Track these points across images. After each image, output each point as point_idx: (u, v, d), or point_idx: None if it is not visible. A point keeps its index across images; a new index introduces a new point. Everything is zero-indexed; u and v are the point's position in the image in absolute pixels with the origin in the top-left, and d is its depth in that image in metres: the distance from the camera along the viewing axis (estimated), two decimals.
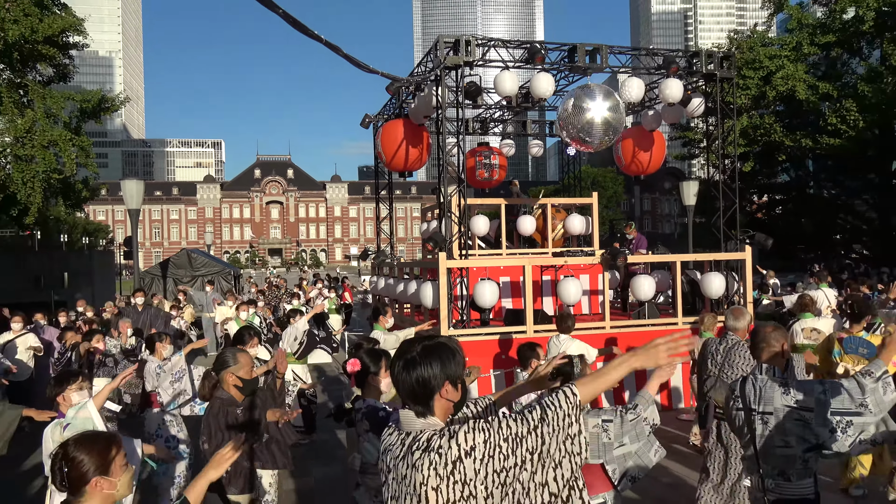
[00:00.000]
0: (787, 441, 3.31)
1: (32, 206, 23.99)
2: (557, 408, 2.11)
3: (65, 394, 4.23)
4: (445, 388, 2.20)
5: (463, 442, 2.04)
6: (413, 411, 2.23)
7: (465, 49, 9.45)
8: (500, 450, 2.04)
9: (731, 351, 5.25)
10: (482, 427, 2.07)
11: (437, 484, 2.05)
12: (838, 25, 29.21)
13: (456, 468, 2.03)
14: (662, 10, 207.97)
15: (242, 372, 3.93)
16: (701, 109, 11.14)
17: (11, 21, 22.14)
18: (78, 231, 68.04)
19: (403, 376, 2.22)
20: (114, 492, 2.40)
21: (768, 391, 3.39)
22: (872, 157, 29.90)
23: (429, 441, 2.10)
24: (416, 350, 2.25)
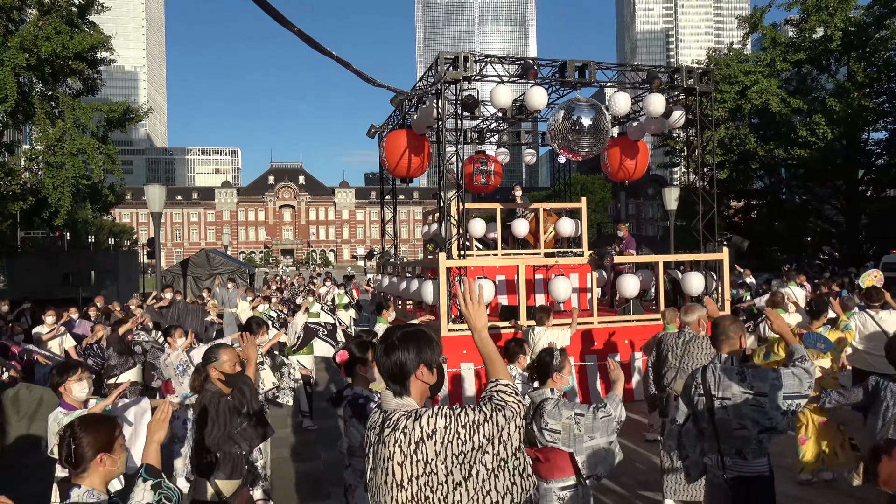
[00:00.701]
0: (744, 424, 3.42)
1: (62, 210, 23.96)
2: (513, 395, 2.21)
3: (65, 384, 4.20)
4: (421, 371, 2.27)
5: (426, 425, 2.10)
6: (391, 391, 2.30)
7: (463, 65, 9.47)
8: (458, 435, 2.10)
9: (690, 343, 5.22)
10: (444, 413, 2.13)
11: (402, 460, 2.11)
12: (808, 44, 29.24)
13: (419, 448, 2.09)
14: (646, 29, 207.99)
15: (225, 367, 3.92)
16: (682, 121, 11.15)
17: (44, 38, 22.14)
18: (104, 232, 67.98)
19: (384, 359, 2.30)
20: (114, 468, 2.44)
21: (727, 379, 3.49)
22: (840, 165, 29.94)
23: (398, 420, 2.16)
24: (396, 335, 2.32)
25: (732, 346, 3.58)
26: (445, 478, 2.10)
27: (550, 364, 3.85)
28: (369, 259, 15.36)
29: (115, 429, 2.49)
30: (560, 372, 3.84)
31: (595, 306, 9.92)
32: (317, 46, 3.42)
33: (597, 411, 3.60)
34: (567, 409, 3.63)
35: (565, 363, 3.89)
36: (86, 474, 2.40)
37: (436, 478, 2.10)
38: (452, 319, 9.25)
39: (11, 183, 24.65)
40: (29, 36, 21.84)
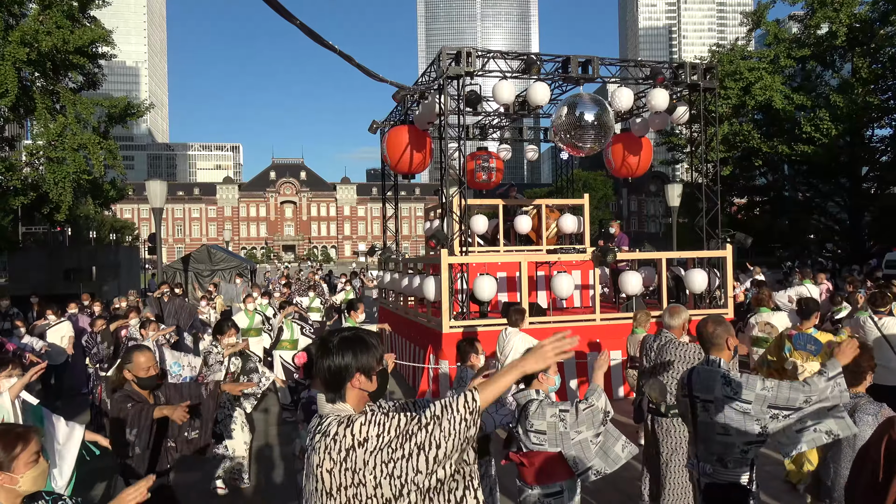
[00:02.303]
0: (727, 429, 3.29)
1: (63, 205, 23.98)
2: (455, 411, 2.03)
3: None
4: (357, 378, 2.17)
5: (357, 433, 2.02)
6: (327, 398, 2.22)
7: (466, 60, 9.43)
8: (390, 444, 2.00)
9: (664, 348, 4.92)
10: (377, 421, 2.03)
11: (331, 467, 2.03)
12: (813, 40, 29.12)
13: (349, 455, 2.01)
14: (649, 25, 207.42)
15: (139, 370, 3.92)
16: (685, 117, 11.10)
17: (45, 33, 22.11)
18: (106, 228, 68.02)
19: (319, 363, 2.22)
20: (15, 487, 2.27)
21: (711, 381, 3.37)
22: (844, 162, 29.86)
23: (328, 426, 2.08)
24: (334, 340, 2.23)
25: (720, 351, 3.48)
26: (374, 490, 2.01)
27: None
28: (371, 255, 15.34)
29: (14, 445, 2.28)
30: (546, 372, 3.74)
31: (597, 303, 9.90)
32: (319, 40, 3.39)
33: (580, 404, 3.57)
34: (551, 407, 3.59)
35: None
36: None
37: (364, 490, 2.01)
38: (454, 316, 9.23)
39: (12, 178, 24.65)
40: (30, 30, 21.81)
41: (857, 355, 3.43)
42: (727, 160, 29.35)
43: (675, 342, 4.90)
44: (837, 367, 3.22)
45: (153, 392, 4.04)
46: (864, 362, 3.55)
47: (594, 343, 9.62)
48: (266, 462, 7.20)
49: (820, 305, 6.49)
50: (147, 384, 3.96)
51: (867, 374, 3.66)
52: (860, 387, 3.52)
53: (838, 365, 3.23)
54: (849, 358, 3.28)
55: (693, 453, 3.56)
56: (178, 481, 4.34)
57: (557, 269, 10.03)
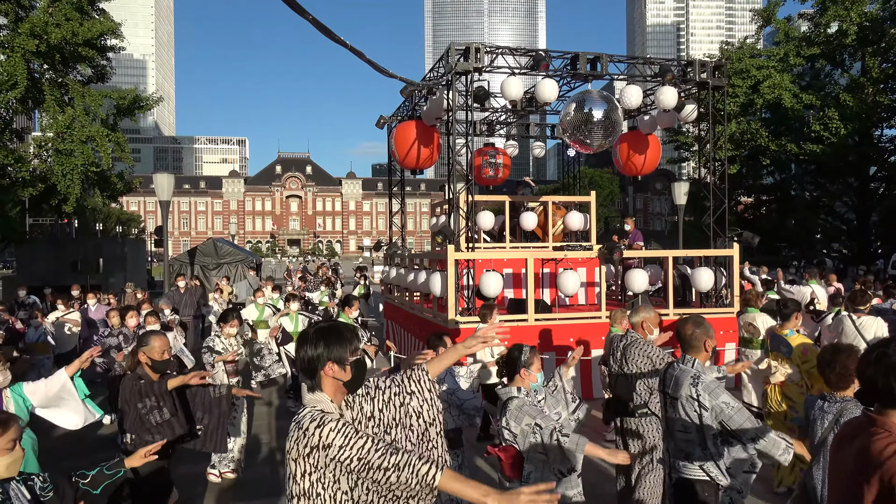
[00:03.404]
0: (686, 427, 3.36)
1: (71, 197, 24.07)
2: (413, 475, 2.09)
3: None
4: (329, 367, 2.25)
5: (324, 436, 2.11)
6: (307, 386, 2.32)
7: (474, 56, 9.42)
8: (350, 461, 2.10)
9: (629, 348, 4.81)
10: (345, 433, 2.12)
11: (296, 457, 2.16)
12: (823, 38, 28.94)
13: (312, 453, 2.12)
14: (657, 23, 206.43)
15: (154, 353, 4.05)
16: (694, 115, 11.06)
17: (54, 25, 22.16)
18: (112, 220, 68.30)
19: (298, 352, 2.32)
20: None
21: (680, 378, 3.43)
22: (852, 162, 29.69)
23: (303, 418, 2.18)
24: (312, 330, 2.34)
25: (697, 352, 3.49)
26: (332, 483, 2.15)
27: (518, 360, 3.72)
28: (377, 250, 15.38)
29: None
30: (528, 368, 3.71)
31: (603, 300, 9.89)
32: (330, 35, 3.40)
33: (560, 434, 3.40)
34: (529, 415, 3.50)
35: (534, 359, 3.76)
36: None
37: (324, 481, 2.15)
38: (459, 312, 9.24)
39: (21, 170, 24.75)
40: (39, 22, 21.87)
41: (847, 358, 3.42)
42: (734, 159, 29.23)
43: (639, 342, 4.78)
44: (798, 449, 3.30)
45: (163, 377, 4.13)
46: (851, 365, 3.41)
47: (600, 341, 9.63)
48: (266, 453, 7.24)
49: (801, 306, 6.39)
50: (161, 367, 4.09)
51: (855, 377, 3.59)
52: (848, 391, 3.43)
53: (800, 449, 3.32)
54: (801, 449, 3.35)
55: (665, 448, 3.63)
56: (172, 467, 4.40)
57: (563, 267, 10.03)
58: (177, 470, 5.68)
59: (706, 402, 3.28)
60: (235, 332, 6.50)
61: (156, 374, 4.08)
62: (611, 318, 7.34)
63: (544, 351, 9.09)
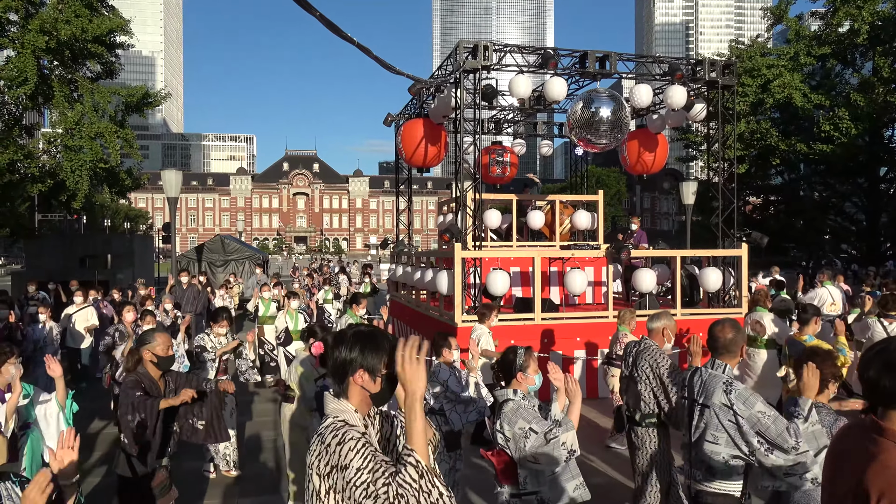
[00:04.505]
0: (717, 437, 3.22)
1: (80, 193, 24.19)
2: (409, 486, 1.94)
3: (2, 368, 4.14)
4: (360, 375, 2.14)
5: (343, 456, 1.99)
6: (333, 391, 2.22)
7: (482, 54, 9.39)
8: (366, 487, 1.97)
9: (641, 354, 4.68)
10: (365, 454, 1.98)
11: (319, 473, 2.04)
12: (834, 38, 28.73)
13: (332, 472, 2.01)
14: (666, 21, 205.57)
15: (158, 349, 3.99)
16: (703, 114, 11.00)
17: (64, 21, 22.27)
18: (120, 216, 68.64)
19: (331, 353, 2.23)
20: None
21: (711, 385, 3.30)
22: (862, 162, 29.48)
23: (326, 429, 2.07)
24: (351, 332, 2.24)
25: (732, 358, 3.39)
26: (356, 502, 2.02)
27: (514, 363, 3.65)
28: (383, 248, 15.37)
29: None
30: (524, 371, 3.63)
31: (610, 300, 9.85)
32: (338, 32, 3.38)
33: (549, 434, 3.32)
34: (524, 419, 3.41)
35: (530, 362, 3.67)
36: None
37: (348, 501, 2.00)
38: (466, 310, 9.22)
39: (30, 165, 24.90)
40: (49, 19, 21.98)
41: (821, 363, 3.37)
42: (743, 158, 29.06)
43: (651, 350, 4.67)
44: (808, 403, 3.18)
45: (164, 376, 4.09)
46: (825, 370, 3.38)
47: (606, 340, 9.59)
48: (267, 449, 7.25)
49: (820, 312, 6.34)
50: (165, 364, 4.05)
51: (829, 383, 3.47)
52: (821, 396, 3.38)
53: (808, 401, 3.18)
54: (814, 389, 3.21)
55: (685, 458, 3.49)
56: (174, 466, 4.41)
57: (571, 266, 10.00)
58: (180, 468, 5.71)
59: (742, 412, 3.13)
60: (225, 332, 6.50)
61: (159, 372, 4.02)
62: (619, 317, 7.29)
63: (551, 350, 9.08)
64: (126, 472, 3.87)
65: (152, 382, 3.98)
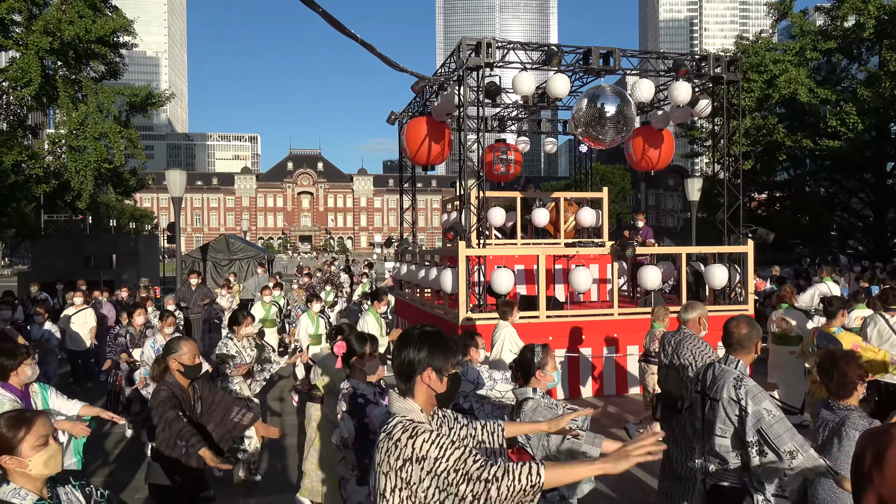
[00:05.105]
0: (725, 431, 3.27)
1: (85, 193, 24.28)
2: (516, 480, 1.96)
3: (20, 367, 4.08)
4: (428, 375, 2.17)
5: (418, 447, 2.00)
6: (398, 390, 2.23)
7: (486, 51, 9.35)
8: (447, 475, 1.97)
9: (681, 343, 4.87)
10: (440, 444, 2.00)
11: (387, 471, 2.04)
12: (839, 32, 28.57)
13: (405, 466, 2.01)
14: (670, 17, 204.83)
15: (185, 358, 3.91)
16: (708, 110, 10.94)
17: (67, 22, 22.33)
18: (125, 216, 68.85)
19: (396, 353, 2.24)
20: (26, 471, 2.23)
21: (722, 379, 3.35)
22: (869, 157, 29.32)
23: (394, 428, 2.07)
24: (416, 331, 2.26)
25: (746, 354, 3.41)
26: (424, 501, 2.02)
27: (532, 361, 3.66)
28: (387, 247, 15.36)
29: (16, 429, 2.25)
30: (543, 369, 3.65)
31: (615, 298, 9.81)
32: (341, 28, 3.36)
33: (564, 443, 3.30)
34: (543, 418, 3.40)
35: (548, 359, 3.69)
36: (9, 474, 2.25)
37: (416, 500, 2.02)
38: (471, 308, 9.20)
39: (35, 166, 24.99)
40: (52, 20, 22.05)
41: (846, 366, 3.31)
42: (749, 154, 28.94)
43: (692, 338, 4.85)
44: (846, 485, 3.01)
45: (192, 384, 4.00)
46: (850, 372, 3.29)
47: (612, 338, 9.56)
48: (277, 450, 7.25)
49: (845, 304, 6.31)
50: (192, 373, 3.95)
51: (858, 384, 3.35)
52: (850, 398, 3.30)
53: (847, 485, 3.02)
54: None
55: (699, 451, 3.53)
56: None
57: (575, 263, 9.96)
58: None
59: (748, 407, 3.17)
60: (249, 331, 6.30)
61: (187, 380, 3.93)
62: (653, 314, 7.36)
63: (556, 348, 9.05)
64: (164, 480, 3.79)
65: (182, 391, 3.90)
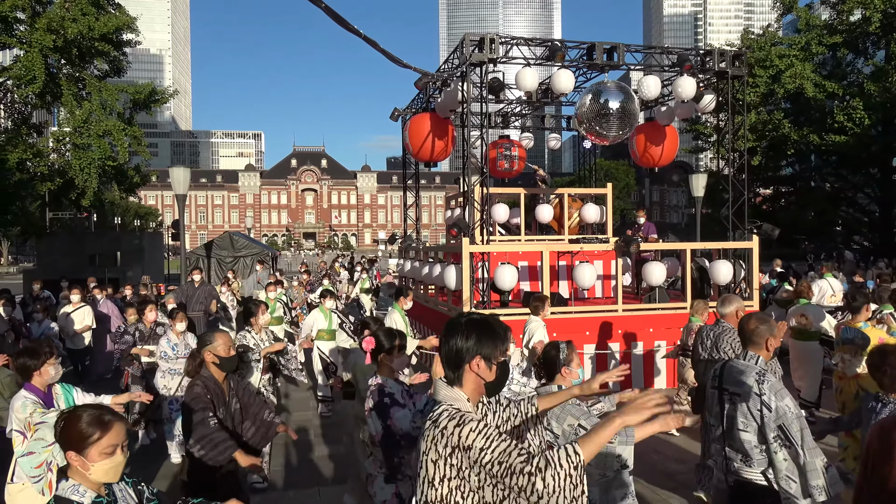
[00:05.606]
0: (747, 426, 3.25)
1: (89, 191, 24.34)
2: (558, 466, 1.92)
3: (43, 367, 4.03)
4: (476, 363, 2.16)
5: (464, 437, 1.99)
6: (445, 378, 2.21)
7: (489, 47, 9.32)
8: (492, 465, 1.96)
9: (720, 337, 5.00)
10: (487, 434, 1.99)
11: (436, 458, 2.04)
12: (845, 27, 28.40)
13: (454, 453, 2.01)
14: (674, 13, 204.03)
15: (220, 350, 3.86)
16: (713, 106, 10.88)
17: (71, 20, 22.36)
18: (130, 214, 69.07)
19: (444, 341, 2.22)
20: (87, 473, 2.17)
21: (744, 375, 3.32)
22: (875, 152, 29.16)
23: (439, 416, 2.06)
24: (464, 319, 2.23)
25: (759, 349, 3.41)
26: (477, 489, 2.01)
27: (557, 359, 3.66)
28: (391, 243, 15.39)
29: (93, 430, 2.17)
30: (568, 366, 3.65)
31: (620, 294, 9.79)
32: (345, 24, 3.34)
33: None
34: (572, 416, 3.38)
35: (573, 356, 3.69)
36: (70, 469, 2.21)
37: (467, 485, 2.01)
38: (474, 305, 9.19)
39: (40, 164, 25.07)
40: (56, 18, 22.07)
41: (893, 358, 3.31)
42: (755, 150, 28.82)
43: (731, 331, 4.92)
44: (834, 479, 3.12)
45: (228, 377, 3.95)
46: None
47: (616, 334, 9.54)
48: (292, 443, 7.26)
49: (869, 299, 6.24)
50: (228, 365, 3.91)
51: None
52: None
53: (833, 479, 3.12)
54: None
55: (717, 448, 3.51)
56: None
57: (580, 259, 9.93)
58: None
59: (770, 402, 3.16)
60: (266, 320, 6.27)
61: (222, 374, 3.87)
62: (692, 308, 7.42)
63: None
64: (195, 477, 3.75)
65: (217, 385, 3.85)
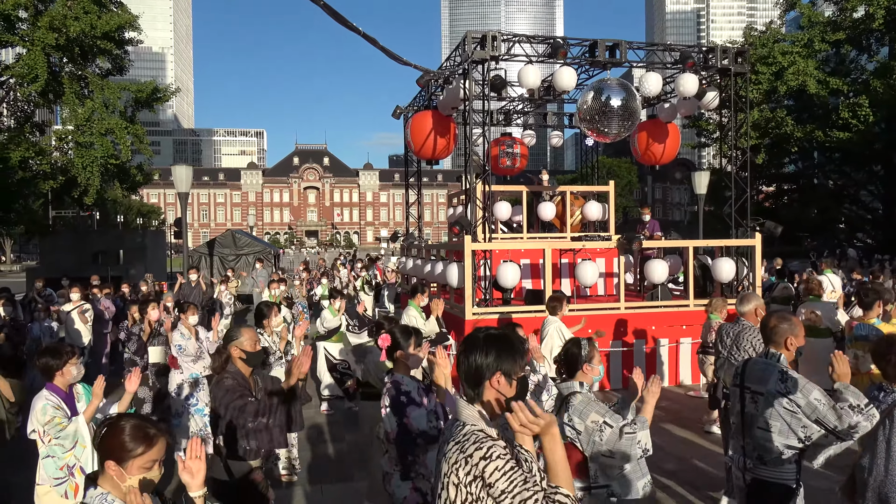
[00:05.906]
0: (770, 425, 3.23)
1: (91, 189, 24.36)
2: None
3: (65, 367, 4.04)
4: (497, 379, 2.13)
5: (488, 473, 1.96)
6: (466, 396, 2.18)
7: (491, 44, 9.32)
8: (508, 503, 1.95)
9: (741, 334, 5.02)
10: (511, 477, 1.95)
11: (457, 482, 2.02)
12: (848, 23, 28.30)
13: (474, 482, 1.98)
14: (676, 10, 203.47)
15: (246, 345, 3.87)
16: (715, 103, 10.85)
17: (73, 18, 22.36)
18: (133, 212, 69.16)
19: (462, 358, 2.19)
20: (122, 484, 2.14)
21: (766, 373, 3.30)
22: (878, 149, 29.06)
23: (466, 439, 2.03)
24: (482, 335, 2.20)
25: (780, 347, 3.41)
26: None
27: (579, 356, 3.66)
28: (393, 241, 15.39)
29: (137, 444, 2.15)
30: (590, 363, 3.67)
31: (622, 291, 9.78)
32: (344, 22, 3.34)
33: (626, 428, 3.32)
34: (597, 412, 3.40)
35: (594, 353, 3.71)
36: (102, 477, 2.19)
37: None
38: (477, 303, 9.19)
39: (42, 162, 25.10)
40: (58, 16, 22.07)
41: None
42: (758, 147, 28.75)
43: (751, 329, 4.94)
44: (860, 396, 3.14)
45: (254, 373, 3.94)
46: None
47: (619, 331, 9.54)
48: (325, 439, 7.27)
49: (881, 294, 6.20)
50: (254, 360, 3.91)
51: None
52: None
53: (860, 394, 3.15)
54: (847, 375, 3.21)
55: (735, 446, 3.50)
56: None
57: (582, 257, 9.93)
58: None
59: (799, 400, 3.14)
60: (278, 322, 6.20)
61: (249, 369, 3.87)
62: (710, 306, 7.44)
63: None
64: (222, 475, 3.75)
65: (244, 380, 3.84)
